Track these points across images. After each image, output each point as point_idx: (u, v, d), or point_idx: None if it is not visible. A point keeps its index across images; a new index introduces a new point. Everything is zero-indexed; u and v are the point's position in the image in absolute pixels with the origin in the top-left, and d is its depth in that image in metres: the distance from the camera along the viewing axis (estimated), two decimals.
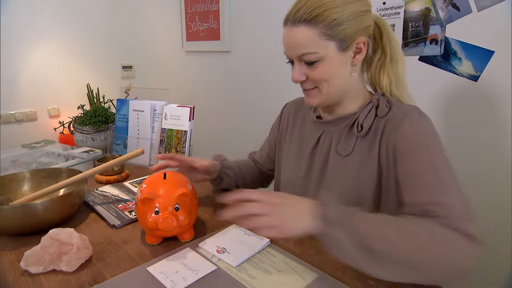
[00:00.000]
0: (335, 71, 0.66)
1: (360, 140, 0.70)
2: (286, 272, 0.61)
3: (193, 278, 0.59)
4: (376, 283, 0.58)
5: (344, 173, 0.71)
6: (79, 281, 0.59)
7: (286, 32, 0.67)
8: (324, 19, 0.62)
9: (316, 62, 0.65)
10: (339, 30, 0.63)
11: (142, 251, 0.68)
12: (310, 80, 0.68)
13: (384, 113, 0.68)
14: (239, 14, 1.95)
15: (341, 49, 0.65)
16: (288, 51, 0.68)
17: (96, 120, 1.24)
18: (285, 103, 1.86)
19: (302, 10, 0.63)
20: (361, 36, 0.65)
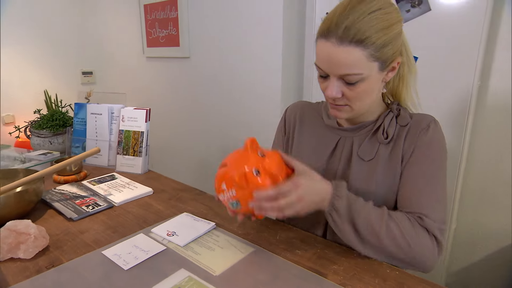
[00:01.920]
0: (371, 90, 0.66)
1: (382, 146, 0.73)
2: (227, 248, 0.70)
3: (144, 257, 0.66)
4: (302, 252, 0.68)
5: (368, 178, 0.72)
6: (36, 266, 0.64)
7: (329, 48, 0.62)
8: (375, 41, 0.60)
9: (358, 82, 0.63)
10: (384, 51, 0.62)
11: (98, 238, 0.74)
12: (345, 98, 0.67)
13: (406, 122, 0.72)
14: (197, 21, 2.04)
15: (381, 69, 0.64)
16: (328, 68, 0.64)
17: (54, 123, 1.27)
18: (240, 107, 1.95)
19: (354, 30, 0.59)
20: (398, 56, 0.66)
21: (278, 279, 0.60)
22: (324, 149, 0.80)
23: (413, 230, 0.63)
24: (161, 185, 1.04)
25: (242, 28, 1.79)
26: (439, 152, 0.69)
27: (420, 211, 0.65)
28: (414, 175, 0.69)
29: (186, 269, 0.63)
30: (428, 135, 0.69)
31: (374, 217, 0.63)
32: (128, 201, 0.92)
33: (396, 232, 0.62)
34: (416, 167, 0.69)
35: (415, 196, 0.67)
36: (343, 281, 0.59)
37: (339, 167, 0.77)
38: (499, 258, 1.42)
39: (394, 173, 0.71)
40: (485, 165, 1.38)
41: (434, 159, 0.69)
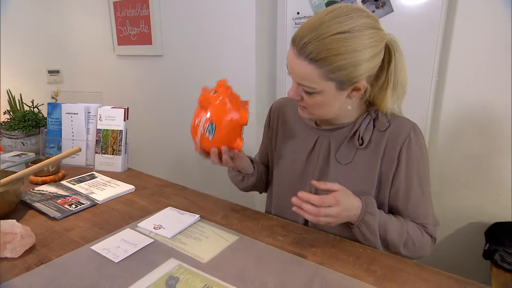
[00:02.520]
0: (330, 103, 0.68)
1: (360, 151, 0.74)
2: (213, 238, 0.74)
3: (133, 249, 0.69)
4: (284, 238, 0.74)
5: (345, 182, 0.71)
6: (25, 264, 0.65)
7: (291, 56, 0.65)
8: (330, 63, 0.60)
9: (314, 93, 0.66)
10: (341, 74, 0.62)
11: (85, 235, 0.75)
12: (304, 102, 0.70)
13: (384, 127, 0.72)
14: (170, 19, 2.04)
15: (340, 89, 0.65)
16: (290, 73, 0.68)
17: (26, 124, 1.24)
18: None
19: (310, 47, 0.60)
20: (362, 80, 0.65)
21: (262, 262, 0.65)
22: (304, 148, 0.82)
23: (422, 238, 0.74)
24: (142, 182, 1.06)
25: (215, 26, 1.82)
26: (423, 161, 0.73)
27: (422, 221, 0.75)
28: (407, 190, 0.73)
29: (175, 258, 0.66)
30: (410, 148, 0.71)
31: (396, 235, 0.71)
32: (111, 199, 0.94)
33: (410, 244, 0.72)
34: (407, 182, 0.73)
35: (413, 211, 0.75)
36: (321, 261, 0.65)
37: (316, 168, 0.79)
38: (456, 237, 1.55)
39: (371, 179, 0.74)
40: (445, 152, 1.50)
41: (420, 169, 0.73)
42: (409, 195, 0.73)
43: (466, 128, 1.44)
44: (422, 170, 0.73)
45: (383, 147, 0.72)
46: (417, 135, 0.73)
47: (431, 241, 0.76)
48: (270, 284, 0.59)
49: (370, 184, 0.74)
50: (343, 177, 0.75)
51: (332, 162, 0.77)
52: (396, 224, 0.71)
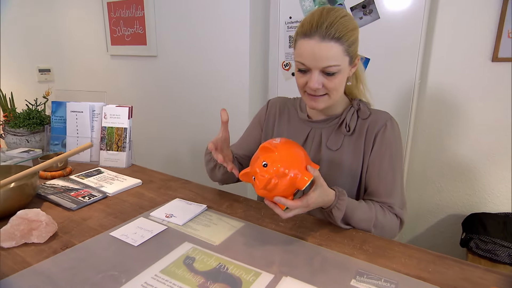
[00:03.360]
0: (344, 81, 0.80)
1: (347, 137, 0.88)
2: (221, 225, 0.81)
3: (149, 235, 0.76)
4: (285, 224, 0.82)
5: (336, 165, 0.88)
6: (51, 248, 0.71)
7: (313, 45, 0.74)
8: (348, 38, 0.75)
9: (336, 73, 0.77)
10: (352, 48, 0.77)
11: (102, 223, 0.81)
12: (324, 88, 0.79)
13: (366, 116, 0.86)
14: (164, 20, 2.09)
15: (350, 64, 0.79)
16: (311, 62, 0.76)
17: (31, 122, 1.28)
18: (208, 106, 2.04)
19: (334, 29, 0.73)
20: (358, 54, 0.82)
21: (268, 244, 0.73)
22: (298, 139, 0.93)
23: (390, 220, 0.81)
24: (147, 177, 1.12)
25: (209, 28, 1.88)
26: (396, 147, 0.85)
27: (389, 201, 0.83)
28: (379, 169, 0.84)
29: (189, 242, 0.73)
30: (385, 133, 0.84)
31: (364, 218, 0.78)
32: (120, 192, 1.00)
33: (379, 226, 0.80)
34: (379, 162, 0.84)
35: (383, 191, 0.83)
36: (320, 243, 0.74)
37: (310, 154, 0.91)
38: (436, 229, 1.67)
39: (357, 162, 0.87)
40: (426, 151, 1.62)
41: (393, 154, 0.84)
42: (379, 175, 0.84)
43: (446, 128, 1.56)
44: (394, 155, 0.84)
45: (364, 132, 0.86)
46: (393, 125, 0.86)
47: (397, 222, 0.82)
48: (277, 261, 0.67)
49: (357, 165, 0.87)
50: (333, 161, 0.88)
51: (323, 149, 0.89)
52: (364, 209, 0.79)
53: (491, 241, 1.30)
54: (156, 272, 0.63)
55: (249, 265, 0.66)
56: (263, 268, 0.64)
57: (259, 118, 1.04)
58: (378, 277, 0.62)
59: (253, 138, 1.04)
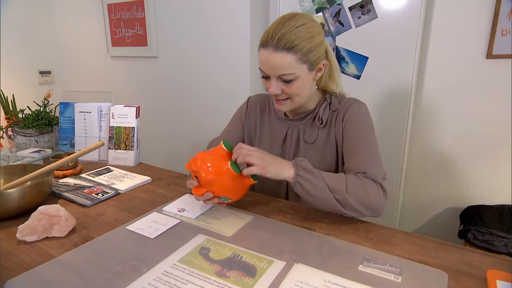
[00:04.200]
0: (304, 86, 0.85)
1: (321, 130, 0.94)
2: (231, 218, 0.85)
3: (164, 228, 0.79)
4: (293, 216, 0.86)
5: (313, 157, 0.94)
6: (72, 242, 0.74)
7: (267, 55, 0.81)
8: (302, 48, 0.79)
9: (293, 80, 0.82)
10: (310, 56, 0.81)
11: (118, 218, 0.85)
12: (285, 93, 0.85)
13: (336, 107, 0.92)
14: (165, 22, 2.11)
15: (309, 70, 0.84)
16: (268, 70, 0.83)
17: (40, 123, 1.31)
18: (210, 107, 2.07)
19: (284, 40, 0.78)
20: (322, 59, 0.86)
21: (278, 235, 0.77)
22: (278, 138, 1.01)
23: (363, 183, 0.79)
24: (156, 174, 1.16)
25: (210, 28, 1.91)
26: (364, 122, 0.89)
27: (362, 170, 0.82)
28: (351, 145, 0.88)
29: (203, 234, 0.77)
30: (351, 112, 0.90)
31: (335, 176, 0.79)
32: (132, 188, 1.03)
33: (353, 188, 0.78)
34: (350, 139, 0.89)
35: (356, 162, 0.85)
36: (327, 232, 0.78)
37: (291, 151, 0.98)
38: (435, 221, 1.72)
39: (331, 151, 0.93)
40: (425, 146, 1.66)
41: (363, 129, 0.88)
42: (351, 150, 0.87)
43: (443, 124, 1.61)
44: (364, 129, 0.88)
45: (334, 122, 0.92)
46: (359, 105, 0.91)
47: (377, 187, 0.79)
48: (287, 250, 0.71)
49: (330, 155, 0.94)
50: (311, 154, 0.95)
51: (301, 143, 0.96)
52: (331, 173, 0.81)
53: (488, 232, 1.35)
54: (174, 262, 0.67)
55: (261, 253, 0.69)
56: (275, 256, 0.68)
57: (239, 115, 1.09)
58: (384, 262, 0.66)
59: (234, 135, 1.08)
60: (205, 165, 0.77)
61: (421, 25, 1.43)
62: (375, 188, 0.80)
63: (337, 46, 1.62)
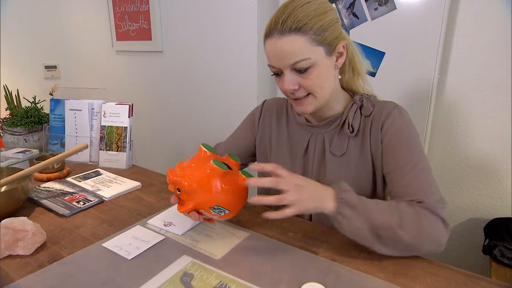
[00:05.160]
0: (326, 75, 0.69)
1: (352, 139, 0.76)
2: (224, 235, 0.74)
3: (145, 246, 0.69)
4: (294, 235, 0.74)
5: (343, 173, 0.76)
6: (37, 261, 0.65)
7: (274, 44, 0.67)
8: (312, 26, 0.64)
9: (309, 69, 0.67)
10: (325, 35, 0.66)
11: (96, 232, 0.75)
12: (303, 88, 0.69)
13: (369, 112, 0.74)
14: (170, 15, 2.02)
15: (328, 54, 0.68)
16: (278, 62, 0.68)
17: (28, 121, 1.23)
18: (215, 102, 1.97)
19: (290, 20, 0.64)
20: (341, 40, 0.69)
21: (275, 259, 0.66)
22: (298, 148, 0.83)
23: (421, 216, 0.63)
24: (148, 179, 1.06)
25: (216, 22, 1.81)
26: (409, 136, 0.72)
27: (416, 197, 0.67)
28: (396, 164, 0.71)
29: (188, 255, 0.67)
30: (393, 123, 0.72)
31: (385, 209, 0.64)
32: (118, 196, 0.94)
33: (409, 222, 0.62)
34: (394, 158, 0.71)
35: (407, 187, 0.68)
36: (333, 257, 0.66)
37: (314, 164, 0.81)
38: (457, 233, 1.57)
39: (366, 165, 0.76)
40: (446, 149, 1.52)
41: (408, 145, 0.71)
42: (398, 172, 0.70)
43: (467, 126, 1.46)
44: (410, 144, 0.71)
45: (369, 130, 0.75)
46: (400, 112, 0.74)
47: (437, 219, 0.64)
48: (285, 279, 0.60)
49: (366, 171, 0.76)
50: (339, 169, 0.77)
51: (327, 156, 0.78)
52: (381, 203, 0.65)
53: None
54: None
55: (253, 283, 0.58)
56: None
57: (252, 119, 0.94)
58: None
59: (244, 140, 0.94)
60: (186, 173, 0.65)
61: (445, 17, 1.29)
62: (435, 221, 0.64)
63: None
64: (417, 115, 1.42)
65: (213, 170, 0.64)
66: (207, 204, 0.65)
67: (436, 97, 1.40)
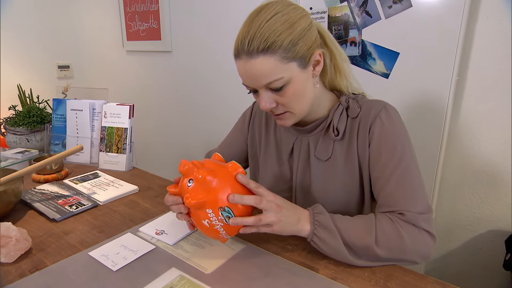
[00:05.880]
0: (303, 89, 0.66)
1: (337, 143, 0.72)
2: (218, 245, 0.69)
3: (133, 257, 0.65)
4: (293, 247, 0.69)
5: (329, 178, 0.73)
6: (19, 270, 0.62)
7: (243, 66, 0.63)
8: (281, 43, 0.60)
9: (284, 87, 0.63)
10: (296, 50, 0.61)
11: (84, 239, 0.72)
12: (281, 105, 0.67)
13: (356, 113, 0.70)
14: (179, 15, 2.00)
15: (302, 67, 0.64)
16: (251, 83, 0.65)
17: (31, 120, 1.22)
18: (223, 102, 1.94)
19: (256, 41, 0.60)
20: (315, 49, 0.65)
21: (270, 275, 0.60)
22: (284, 150, 0.81)
23: (396, 229, 0.61)
24: (146, 183, 1.02)
25: (224, 22, 1.77)
26: (398, 141, 0.67)
27: (399, 208, 0.63)
28: (382, 172, 0.67)
29: (177, 268, 0.62)
30: (380, 123, 0.68)
31: (361, 228, 0.62)
32: (113, 200, 0.90)
33: (385, 239, 0.60)
34: (380, 164, 0.67)
35: (389, 196, 0.65)
36: (334, 275, 0.60)
37: (298, 168, 0.78)
38: (474, 245, 1.48)
39: (353, 170, 0.72)
40: (464, 155, 1.43)
41: (395, 150, 0.66)
42: (383, 177, 0.66)
43: (487, 131, 1.37)
44: (398, 150, 0.66)
45: (356, 133, 0.70)
46: (388, 112, 0.69)
47: (420, 232, 0.61)
48: None
49: (352, 176, 0.72)
50: (324, 174, 0.74)
51: (312, 160, 0.75)
52: (357, 222, 0.63)
53: None
54: None
55: None
56: None
57: (242, 122, 0.92)
58: None
59: (236, 145, 0.92)
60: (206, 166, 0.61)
61: (465, 15, 1.20)
62: (418, 234, 0.61)
63: (363, 40, 1.42)
64: (433, 119, 1.34)
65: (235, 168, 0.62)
66: (220, 203, 0.59)
67: (454, 100, 1.32)
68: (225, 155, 0.88)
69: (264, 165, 0.85)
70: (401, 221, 0.62)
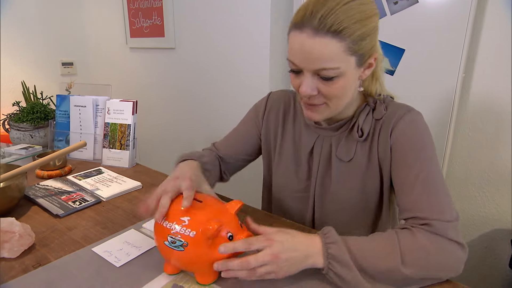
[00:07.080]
0: (349, 87, 0.62)
1: (360, 144, 0.70)
2: None
3: (136, 253, 0.65)
4: None
5: (350, 179, 0.71)
6: (22, 265, 0.62)
7: (302, 40, 0.57)
8: (353, 32, 0.56)
9: (335, 78, 0.59)
10: (362, 45, 0.57)
11: (87, 234, 0.72)
12: (321, 95, 0.62)
13: (381, 115, 0.68)
14: (182, 11, 1.99)
15: (358, 65, 0.60)
16: (302, 62, 0.59)
17: (34, 116, 1.22)
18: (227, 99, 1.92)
19: (331, 19, 0.54)
20: (374, 52, 0.62)
21: None
22: (303, 149, 0.77)
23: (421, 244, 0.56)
24: (150, 179, 1.02)
25: (228, 18, 1.76)
26: (422, 142, 0.64)
27: (425, 215, 0.59)
28: (404, 176, 0.64)
29: None
30: (404, 127, 0.65)
31: (383, 249, 0.56)
32: (116, 196, 0.90)
33: (412, 257, 0.54)
34: (402, 166, 0.65)
35: (413, 204, 0.61)
36: None
37: (319, 169, 0.75)
38: (480, 244, 1.47)
39: (374, 172, 0.70)
40: (470, 153, 1.41)
41: (420, 153, 0.63)
42: (406, 182, 0.63)
43: (493, 129, 1.35)
44: (422, 152, 0.63)
45: (377, 134, 0.68)
46: (412, 117, 0.66)
47: (450, 243, 0.56)
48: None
49: (373, 178, 0.70)
50: (345, 175, 0.72)
51: (334, 160, 0.73)
52: (377, 244, 0.57)
53: None
54: None
55: None
56: None
57: (255, 113, 0.86)
58: None
59: (247, 136, 0.87)
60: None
61: (472, 11, 1.19)
62: (447, 246, 0.56)
63: None
64: (438, 117, 1.32)
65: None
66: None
67: (460, 97, 1.30)
68: (233, 147, 0.87)
69: (278, 162, 0.82)
70: (428, 233, 0.57)
